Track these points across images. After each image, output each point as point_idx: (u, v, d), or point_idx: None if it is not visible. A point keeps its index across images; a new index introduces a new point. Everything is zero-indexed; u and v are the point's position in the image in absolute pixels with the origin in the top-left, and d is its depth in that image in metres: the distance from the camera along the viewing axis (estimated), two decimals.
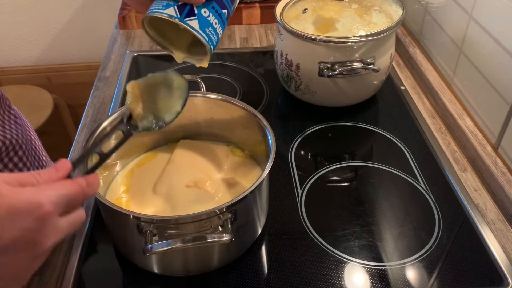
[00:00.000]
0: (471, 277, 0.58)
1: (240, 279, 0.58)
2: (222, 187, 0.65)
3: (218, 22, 0.52)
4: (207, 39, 0.51)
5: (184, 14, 0.50)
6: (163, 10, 0.50)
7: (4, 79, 1.64)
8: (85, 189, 0.42)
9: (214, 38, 0.52)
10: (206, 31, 0.51)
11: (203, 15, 0.51)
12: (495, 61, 0.74)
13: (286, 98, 0.90)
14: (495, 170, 0.71)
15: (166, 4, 0.50)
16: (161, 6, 0.51)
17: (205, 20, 0.51)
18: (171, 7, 0.50)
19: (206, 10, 0.51)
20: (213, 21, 0.52)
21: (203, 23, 0.51)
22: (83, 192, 0.42)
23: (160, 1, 0.51)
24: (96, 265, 0.61)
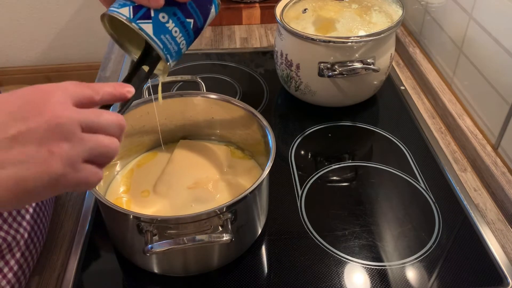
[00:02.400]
0: (471, 277, 0.58)
1: (240, 279, 0.58)
2: (222, 187, 0.65)
3: (180, 32, 0.48)
4: (162, 46, 0.47)
5: (138, 16, 0.46)
6: (117, 9, 0.47)
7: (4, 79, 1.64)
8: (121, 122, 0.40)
9: (173, 47, 0.48)
10: (162, 38, 0.47)
11: (161, 20, 0.47)
12: (495, 61, 0.74)
13: (286, 98, 0.90)
14: (495, 170, 0.71)
15: (123, 3, 0.47)
16: (118, 4, 0.47)
17: (161, 26, 0.47)
18: (127, 7, 0.47)
19: (165, 15, 0.47)
20: (172, 29, 0.48)
21: (159, 29, 0.47)
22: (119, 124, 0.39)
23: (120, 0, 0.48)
24: (96, 265, 0.61)
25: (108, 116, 0.39)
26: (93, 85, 0.40)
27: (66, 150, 0.36)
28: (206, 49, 1.06)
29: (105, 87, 0.41)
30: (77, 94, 0.38)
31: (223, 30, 1.14)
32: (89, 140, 0.37)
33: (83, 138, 0.37)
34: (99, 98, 0.40)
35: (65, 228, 0.66)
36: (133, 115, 0.66)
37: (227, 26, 1.15)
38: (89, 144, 0.37)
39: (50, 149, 0.35)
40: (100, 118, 0.38)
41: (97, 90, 0.40)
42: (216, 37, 1.11)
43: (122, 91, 0.43)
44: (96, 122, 0.38)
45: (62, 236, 0.64)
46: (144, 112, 0.67)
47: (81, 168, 0.37)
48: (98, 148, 0.38)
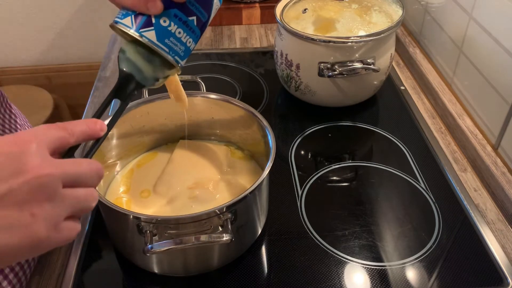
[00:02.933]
0: (471, 277, 0.58)
1: (240, 279, 0.58)
2: (222, 187, 0.65)
3: (184, 31, 0.48)
4: (168, 50, 0.48)
5: (140, 25, 0.47)
6: (121, 20, 0.47)
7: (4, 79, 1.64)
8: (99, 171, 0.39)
9: (179, 48, 0.49)
10: (166, 42, 0.47)
11: (162, 25, 0.47)
12: (495, 61, 0.74)
13: (286, 98, 0.90)
14: (495, 170, 0.71)
15: (125, 13, 0.47)
16: (121, 15, 0.48)
17: (164, 30, 0.47)
18: (129, 16, 0.47)
19: (166, 19, 0.47)
20: (175, 31, 0.48)
21: (162, 34, 0.47)
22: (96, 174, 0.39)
23: (123, 9, 0.48)
24: (96, 265, 0.61)
25: (87, 166, 0.39)
26: (67, 126, 0.40)
27: (49, 211, 0.35)
28: (206, 49, 1.06)
29: (78, 126, 0.41)
30: (52, 141, 0.38)
31: (223, 30, 1.14)
32: (70, 197, 0.37)
33: (64, 196, 0.36)
34: (74, 140, 0.40)
35: None
36: (133, 115, 0.66)
37: (227, 26, 1.15)
38: (70, 201, 0.37)
39: (32, 212, 0.34)
40: (80, 169, 0.38)
41: (72, 131, 0.40)
42: (216, 37, 1.11)
43: (96, 129, 0.43)
44: (76, 175, 0.37)
45: None
46: (144, 112, 0.67)
47: (63, 227, 0.36)
48: (79, 204, 0.37)
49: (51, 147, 0.37)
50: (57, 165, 0.36)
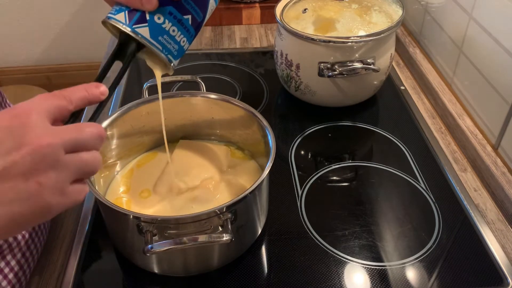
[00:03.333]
0: (471, 277, 0.58)
1: (240, 279, 0.58)
2: (222, 187, 0.65)
3: (178, 30, 0.48)
4: (161, 48, 0.47)
5: (133, 21, 0.46)
6: (114, 15, 0.47)
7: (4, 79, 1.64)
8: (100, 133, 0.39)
9: (173, 47, 0.48)
10: (160, 40, 0.47)
11: (156, 22, 0.46)
12: (495, 61, 0.74)
13: (286, 98, 0.90)
14: (495, 170, 0.71)
15: (119, 9, 0.47)
16: (114, 10, 0.47)
17: (158, 28, 0.47)
18: (123, 12, 0.46)
19: (160, 16, 0.46)
20: (169, 28, 0.47)
21: (156, 31, 0.47)
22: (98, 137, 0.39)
23: (117, 5, 0.47)
24: (96, 265, 0.61)
25: (88, 130, 0.39)
26: (65, 93, 0.40)
27: (54, 178, 0.36)
28: (206, 49, 1.06)
29: (77, 92, 0.41)
30: (51, 109, 0.38)
31: (223, 30, 1.14)
32: (73, 162, 0.37)
33: (68, 162, 0.37)
34: (73, 107, 0.40)
35: (65, 228, 0.66)
36: (133, 115, 0.66)
37: (227, 26, 1.15)
38: (74, 166, 0.37)
39: (38, 181, 0.35)
40: (81, 134, 0.38)
41: (70, 98, 0.40)
42: (216, 37, 1.11)
43: (96, 93, 0.43)
44: (78, 140, 0.38)
45: (62, 236, 0.64)
46: (144, 112, 0.67)
47: (70, 191, 0.37)
48: (83, 168, 0.38)
49: (51, 116, 0.38)
50: (57, 133, 0.37)
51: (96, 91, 0.43)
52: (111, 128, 0.63)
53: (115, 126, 0.64)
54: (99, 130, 0.40)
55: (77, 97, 0.41)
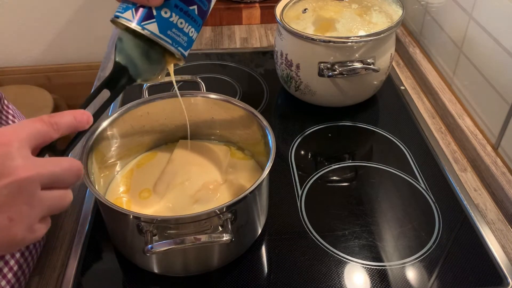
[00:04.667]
0: (471, 277, 0.58)
1: (240, 279, 0.58)
2: (222, 187, 0.65)
3: (186, 21, 0.48)
4: (171, 41, 0.47)
5: (141, 18, 0.46)
6: (121, 14, 0.47)
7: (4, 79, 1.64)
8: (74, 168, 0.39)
9: (182, 39, 0.48)
10: (169, 34, 0.47)
11: (163, 16, 0.46)
12: (495, 61, 0.74)
13: (286, 98, 0.90)
14: (495, 170, 0.71)
15: (126, 7, 0.47)
16: (121, 8, 0.47)
17: (166, 22, 0.47)
18: (130, 10, 0.46)
19: (167, 10, 0.46)
20: (177, 21, 0.47)
21: (164, 25, 0.46)
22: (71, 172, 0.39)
23: (123, 2, 0.47)
24: (96, 265, 0.61)
25: (67, 166, 0.39)
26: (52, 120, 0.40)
27: (26, 214, 0.36)
28: (206, 49, 1.06)
29: (66, 119, 0.41)
30: (34, 137, 0.38)
31: (223, 30, 1.14)
32: (47, 200, 0.37)
33: (42, 199, 0.37)
34: (58, 135, 0.40)
35: (65, 228, 0.66)
36: (133, 115, 0.66)
37: (227, 26, 1.15)
38: (47, 204, 0.37)
39: (10, 216, 0.35)
40: (59, 169, 0.38)
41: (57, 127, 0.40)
42: (216, 37, 1.11)
43: (82, 121, 0.43)
44: (56, 176, 0.38)
45: (62, 236, 0.64)
46: (144, 112, 0.67)
47: (38, 227, 0.37)
48: (54, 205, 0.38)
49: (33, 144, 0.38)
50: (37, 166, 0.36)
51: (83, 118, 0.43)
52: (111, 128, 0.63)
53: (115, 126, 0.64)
54: (78, 168, 0.40)
55: (65, 124, 0.41)
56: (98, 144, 0.61)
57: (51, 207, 0.38)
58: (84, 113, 0.44)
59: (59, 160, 0.39)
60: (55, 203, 0.38)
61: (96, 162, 0.61)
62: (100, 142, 0.62)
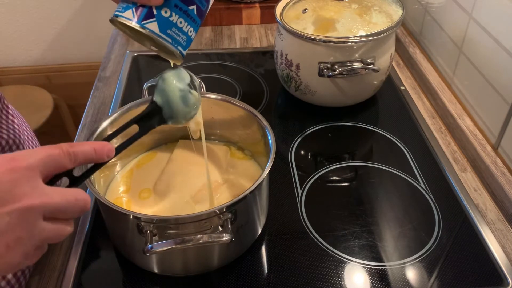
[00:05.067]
0: (471, 277, 0.58)
1: (240, 279, 0.58)
2: (222, 187, 0.65)
3: (185, 21, 0.49)
4: (171, 40, 0.48)
5: (142, 17, 0.47)
6: (122, 13, 0.47)
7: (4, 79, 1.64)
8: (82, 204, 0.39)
9: (181, 38, 0.49)
10: (169, 33, 0.48)
11: (163, 16, 0.47)
12: (495, 61, 0.74)
13: (286, 98, 0.90)
14: (495, 170, 0.71)
15: (126, 6, 0.47)
16: (121, 8, 0.48)
17: (166, 21, 0.47)
18: (130, 9, 0.47)
19: (167, 10, 0.47)
20: (176, 21, 0.48)
21: (164, 25, 0.47)
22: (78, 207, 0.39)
23: (123, 2, 0.48)
24: (96, 265, 0.61)
25: (73, 198, 0.38)
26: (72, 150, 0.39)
27: (24, 243, 0.35)
28: (206, 49, 1.06)
29: (85, 150, 0.41)
30: (48, 166, 0.38)
31: (223, 30, 1.14)
32: (47, 231, 0.37)
33: (42, 230, 0.36)
34: (73, 166, 0.40)
35: None
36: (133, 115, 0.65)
37: (227, 26, 1.15)
38: (46, 234, 0.37)
39: (8, 244, 0.35)
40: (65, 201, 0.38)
41: (75, 158, 0.39)
42: (216, 37, 1.11)
43: (102, 154, 0.42)
44: (60, 208, 0.37)
45: None
46: None
47: (34, 254, 0.37)
48: (53, 236, 0.38)
49: (45, 171, 0.37)
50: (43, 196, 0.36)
51: (104, 153, 0.42)
52: (111, 128, 0.63)
53: (115, 126, 0.64)
54: (84, 201, 0.39)
55: (83, 156, 0.40)
56: None
57: (48, 238, 0.38)
58: (105, 146, 0.43)
59: (66, 191, 0.38)
60: (53, 235, 0.38)
61: None
62: None
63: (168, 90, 0.52)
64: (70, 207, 0.38)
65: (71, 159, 0.39)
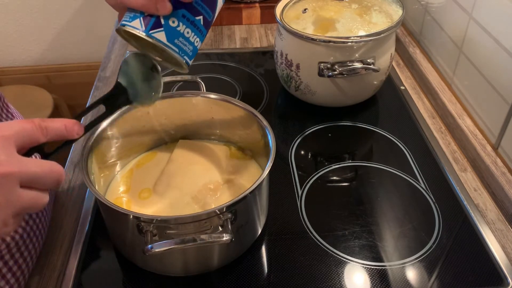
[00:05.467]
0: (471, 277, 0.58)
1: (240, 279, 0.58)
2: (222, 187, 0.65)
3: (192, 31, 0.49)
4: (178, 50, 0.49)
5: (149, 26, 0.47)
6: (129, 23, 0.48)
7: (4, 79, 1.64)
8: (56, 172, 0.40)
9: (188, 48, 0.50)
10: (176, 42, 0.48)
11: (171, 26, 0.48)
12: (495, 61, 0.74)
13: (286, 98, 0.90)
14: (495, 170, 0.71)
15: (134, 16, 0.48)
16: (128, 18, 0.48)
17: (173, 31, 0.48)
18: (137, 19, 0.48)
19: (174, 20, 0.48)
20: (184, 31, 0.49)
21: (171, 34, 0.48)
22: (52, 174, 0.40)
23: (130, 12, 0.49)
24: (96, 265, 0.61)
25: (48, 169, 0.40)
26: (44, 124, 0.41)
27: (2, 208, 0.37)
28: (206, 49, 1.06)
29: (56, 126, 0.42)
30: (22, 137, 0.39)
31: (223, 30, 1.14)
32: (23, 198, 0.38)
33: (19, 196, 0.37)
34: (45, 139, 0.41)
35: (65, 228, 0.66)
36: (133, 115, 0.66)
37: (227, 26, 1.15)
38: (23, 201, 0.38)
39: None
40: (40, 171, 0.39)
41: (47, 132, 0.41)
42: (216, 37, 1.11)
43: (72, 131, 0.44)
44: (37, 177, 0.39)
45: (62, 236, 0.64)
46: (144, 112, 0.67)
47: (13, 222, 0.38)
48: (30, 204, 0.39)
49: (19, 143, 0.39)
50: (20, 164, 0.37)
51: (74, 128, 0.44)
52: (111, 128, 0.63)
53: (115, 126, 0.64)
54: (59, 172, 0.41)
55: (54, 131, 0.42)
56: (98, 144, 0.61)
57: (26, 206, 0.38)
58: (75, 124, 0.45)
59: (42, 162, 0.40)
60: (30, 203, 0.39)
61: (96, 162, 0.61)
62: (100, 142, 0.62)
63: (131, 72, 0.53)
64: (45, 177, 0.39)
65: (43, 133, 0.41)
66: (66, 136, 0.44)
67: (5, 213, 0.37)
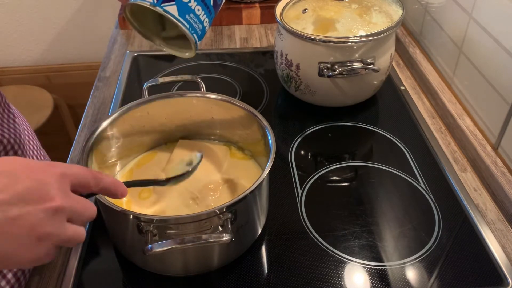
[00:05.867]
0: (471, 277, 0.58)
1: (240, 279, 0.58)
2: (222, 187, 0.65)
3: (202, 9, 0.49)
4: (188, 26, 0.49)
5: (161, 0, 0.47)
6: None
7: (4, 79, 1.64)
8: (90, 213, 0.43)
9: (198, 26, 0.50)
10: (187, 18, 0.48)
11: (183, 1, 0.48)
12: (495, 61, 0.74)
13: (286, 98, 0.90)
14: (495, 170, 0.71)
15: None
16: None
17: (185, 6, 0.48)
18: None
19: None
20: (195, 7, 0.49)
21: (183, 9, 0.48)
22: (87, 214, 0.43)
23: None
24: (96, 265, 0.61)
25: (89, 209, 0.43)
26: (98, 176, 0.45)
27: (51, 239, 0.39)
28: (206, 49, 1.06)
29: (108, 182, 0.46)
30: (78, 181, 0.42)
31: (223, 30, 1.14)
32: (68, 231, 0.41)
33: (66, 229, 0.40)
34: (95, 190, 0.45)
35: None
36: (133, 115, 0.66)
37: (227, 26, 1.15)
38: (68, 235, 0.40)
39: (39, 237, 0.38)
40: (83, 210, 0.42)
41: (99, 184, 0.45)
42: (216, 37, 1.11)
43: (117, 192, 0.47)
44: (79, 214, 0.42)
45: None
46: (144, 112, 0.67)
47: (53, 253, 0.41)
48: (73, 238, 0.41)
49: (74, 185, 0.42)
50: (71, 200, 0.41)
51: (118, 190, 0.47)
52: (111, 128, 0.63)
53: (115, 126, 0.64)
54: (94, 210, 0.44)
55: (105, 186, 0.45)
56: (98, 144, 0.61)
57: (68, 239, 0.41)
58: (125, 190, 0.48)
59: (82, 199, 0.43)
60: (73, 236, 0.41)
61: (96, 162, 0.61)
62: (100, 142, 0.62)
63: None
64: (84, 213, 0.43)
65: (96, 184, 0.44)
66: (111, 194, 0.47)
67: (51, 244, 0.39)
